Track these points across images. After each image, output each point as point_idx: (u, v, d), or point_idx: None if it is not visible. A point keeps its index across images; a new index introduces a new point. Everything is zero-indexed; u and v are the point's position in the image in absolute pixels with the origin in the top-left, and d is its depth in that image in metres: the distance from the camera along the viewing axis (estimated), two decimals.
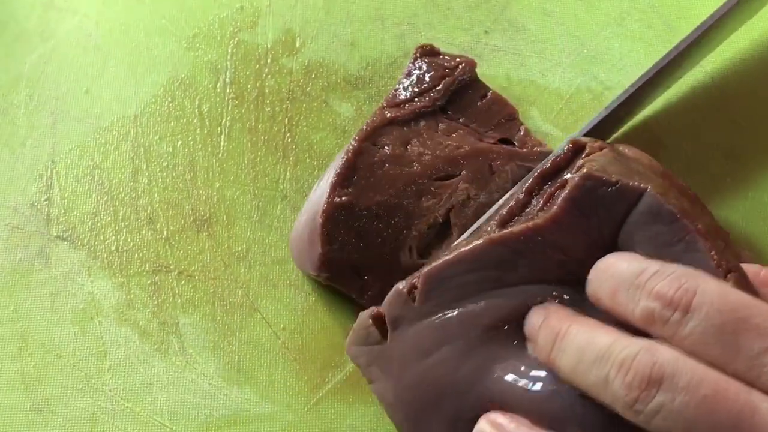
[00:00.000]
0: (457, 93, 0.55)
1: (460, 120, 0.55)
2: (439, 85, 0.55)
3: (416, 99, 0.54)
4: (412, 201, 0.51)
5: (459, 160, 0.52)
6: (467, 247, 0.43)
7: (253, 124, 0.58)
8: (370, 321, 0.46)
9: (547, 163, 0.46)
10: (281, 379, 0.52)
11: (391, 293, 0.45)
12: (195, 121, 0.59)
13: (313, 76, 0.60)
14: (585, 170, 0.42)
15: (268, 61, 0.60)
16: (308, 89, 0.59)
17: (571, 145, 0.46)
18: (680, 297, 0.36)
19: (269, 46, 0.61)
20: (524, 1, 0.62)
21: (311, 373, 0.52)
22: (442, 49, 0.56)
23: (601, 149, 0.45)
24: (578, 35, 0.61)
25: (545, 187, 0.45)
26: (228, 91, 0.59)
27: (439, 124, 0.54)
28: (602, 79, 0.59)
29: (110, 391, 0.52)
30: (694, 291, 0.36)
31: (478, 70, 0.56)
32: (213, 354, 0.52)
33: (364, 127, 0.53)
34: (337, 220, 0.50)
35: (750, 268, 0.41)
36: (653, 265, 0.38)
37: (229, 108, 0.59)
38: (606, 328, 0.38)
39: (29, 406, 0.51)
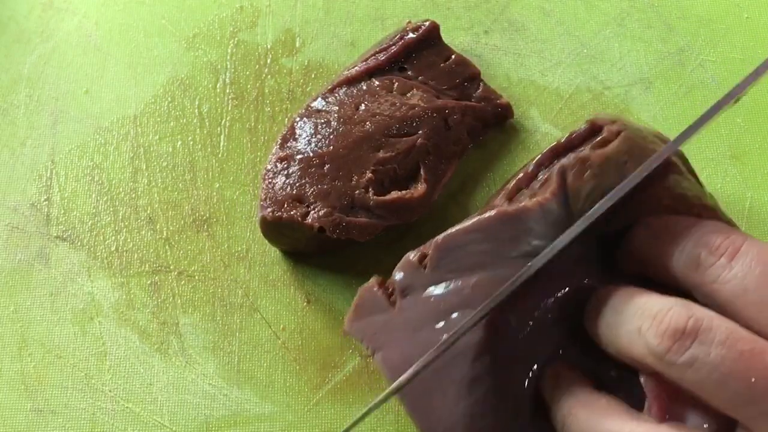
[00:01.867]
0: (418, 54, 0.56)
1: (419, 79, 0.55)
2: (396, 44, 0.56)
3: (370, 59, 0.56)
4: (364, 153, 0.52)
5: (414, 118, 0.53)
6: (477, 218, 0.43)
7: (253, 124, 0.58)
8: (377, 288, 0.45)
9: (562, 139, 0.46)
10: (281, 380, 0.52)
11: (401, 262, 0.45)
12: (195, 121, 0.59)
13: (313, 76, 0.60)
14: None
15: (268, 61, 0.60)
16: (308, 89, 0.59)
17: (588, 125, 0.46)
18: (727, 246, 0.37)
19: (269, 46, 0.61)
20: (524, 1, 0.62)
21: (311, 373, 0.52)
22: None
23: (618, 133, 0.45)
24: (578, 35, 0.61)
25: (555, 162, 0.45)
26: (228, 91, 0.59)
27: (395, 83, 0.55)
28: (602, 78, 0.59)
29: (110, 391, 0.52)
30: (740, 244, 0.37)
31: (479, 69, 0.57)
32: (213, 354, 0.52)
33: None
34: (276, 171, 0.52)
35: None
36: (702, 222, 0.40)
37: (229, 108, 0.59)
38: (642, 290, 0.39)
39: (29, 406, 0.51)
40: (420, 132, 0.53)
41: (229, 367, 0.52)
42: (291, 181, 0.51)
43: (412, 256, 0.45)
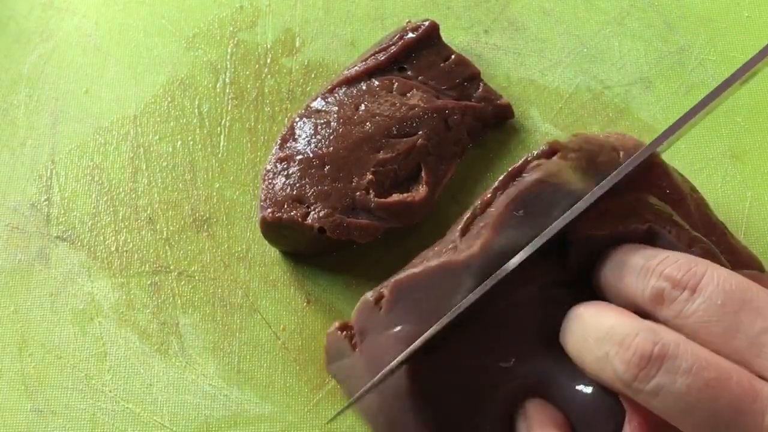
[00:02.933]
0: (418, 54, 0.57)
1: (419, 79, 0.55)
2: (396, 44, 0.56)
3: (369, 58, 0.56)
4: (365, 154, 0.52)
5: (414, 119, 0.53)
6: (428, 264, 0.44)
7: (252, 124, 0.58)
8: (339, 332, 0.46)
9: (518, 163, 0.46)
10: (281, 380, 0.52)
11: (359, 303, 0.45)
12: (195, 121, 0.59)
13: (312, 75, 0.60)
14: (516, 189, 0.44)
15: (268, 60, 0.60)
16: (308, 89, 0.59)
17: (546, 147, 0.46)
18: (688, 278, 0.37)
19: (269, 46, 0.61)
20: (524, 0, 0.62)
21: (311, 373, 0.52)
22: None
23: (565, 155, 0.45)
24: (578, 34, 0.61)
25: (511, 184, 0.45)
26: (228, 91, 0.59)
27: (395, 83, 0.55)
28: (602, 78, 0.59)
29: (110, 391, 0.52)
30: (702, 274, 0.37)
31: (479, 68, 0.57)
32: (213, 354, 0.52)
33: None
34: (276, 171, 0.52)
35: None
36: (664, 252, 0.39)
37: (229, 108, 0.59)
38: (612, 309, 0.39)
39: (30, 407, 0.52)
40: (420, 132, 0.53)
41: (229, 368, 0.52)
42: (291, 182, 0.51)
43: (369, 296, 0.45)
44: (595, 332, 0.38)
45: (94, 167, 0.58)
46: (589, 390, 0.41)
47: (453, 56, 0.57)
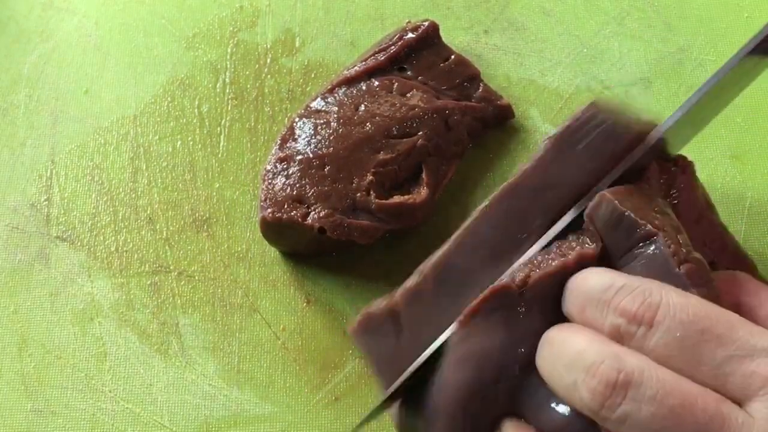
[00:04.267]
0: (418, 54, 0.57)
1: (419, 79, 0.55)
2: (396, 44, 0.56)
3: (369, 59, 0.56)
4: (365, 154, 0.52)
5: (414, 119, 0.53)
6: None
7: (252, 124, 0.58)
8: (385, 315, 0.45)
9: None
10: (281, 380, 0.52)
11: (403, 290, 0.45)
12: (194, 121, 0.59)
13: (312, 75, 0.60)
14: None
15: (268, 60, 0.60)
16: (308, 89, 0.59)
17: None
18: (643, 312, 0.37)
19: (269, 46, 0.61)
20: (524, 0, 0.62)
21: (311, 373, 0.52)
22: None
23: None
24: (578, 34, 0.61)
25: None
26: (227, 91, 0.59)
27: (395, 83, 0.55)
28: (602, 78, 0.59)
29: (110, 391, 0.52)
30: (657, 305, 0.37)
31: (478, 68, 0.57)
32: (213, 354, 0.52)
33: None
34: (275, 172, 0.52)
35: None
36: (619, 280, 0.38)
37: (229, 108, 0.59)
38: (582, 333, 0.39)
39: (30, 407, 0.52)
40: (420, 133, 0.53)
41: (229, 368, 0.52)
42: (291, 182, 0.51)
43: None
44: (564, 358, 0.38)
45: (94, 167, 0.58)
46: (565, 410, 0.41)
47: (453, 56, 0.57)
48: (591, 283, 0.39)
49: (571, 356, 0.37)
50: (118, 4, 0.63)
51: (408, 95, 0.54)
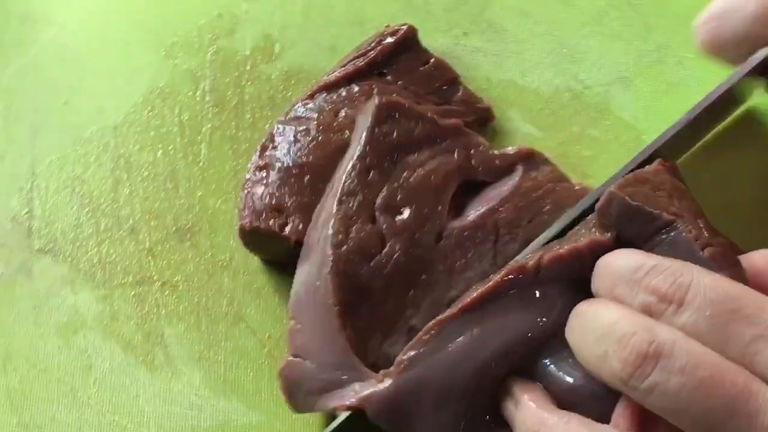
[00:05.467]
0: (397, 58, 0.56)
1: (399, 84, 0.55)
2: (375, 49, 0.56)
3: (348, 64, 0.56)
4: None
5: None
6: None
7: (233, 131, 0.58)
8: None
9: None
10: (268, 388, 0.51)
11: None
12: (175, 130, 0.58)
13: (293, 81, 0.60)
14: None
15: (248, 67, 0.60)
16: (289, 95, 0.59)
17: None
18: (674, 291, 0.37)
19: (248, 53, 0.61)
20: (502, 2, 0.62)
21: None
22: None
23: None
24: (557, 35, 0.61)
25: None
26: (208, 99, 0.59)
27: (375, 89, 0.55)
28: (582, 78, 0.59)
29: (96, 404, 0.51)
30: (688, 285, 0.37)
31: (458, 71, 0.57)
32: (199, 364, 0.52)
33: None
34: (255, 180, 0.52)
35: (762, 252, 0.42)
36: (650, 261, 0.39)
37: (210, 116, 0.59)
38: (614, 305, 0.39)
39: (15, 421, 0.51)
40: None
41: (216, 377, 0.52)
42: (270, 191, 0.51)
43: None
44: (595, 330, 0.39)
45: (75, 179, 0.57)
46: (576, 371, 0.41)
47: (432, 60, 0.57)
48: (621, 262, 0.40)
49: (603, 327, 0.38)
50: (96, 14, 0.63)
51: None
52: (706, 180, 0.53)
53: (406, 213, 0.47)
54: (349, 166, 0.48)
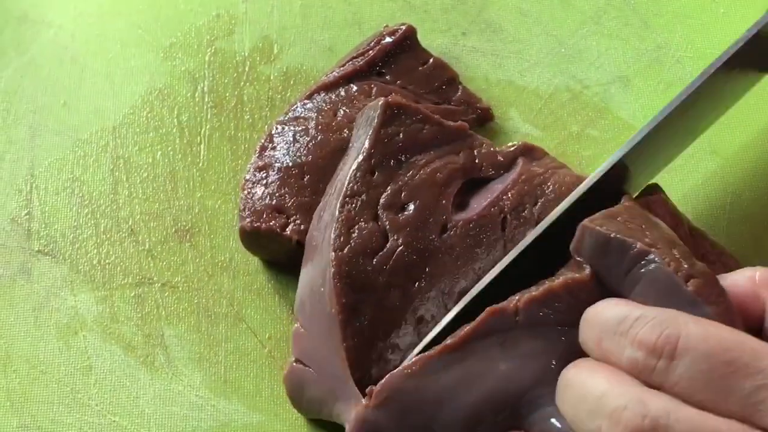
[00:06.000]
0: (396, 58, 0.57)
1: (398, 83, 0.55)
2: (374, 49, 0.56)
3: (347, 64, 0.56)
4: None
5: None
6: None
7: (232, 132, 0.58)
8: None
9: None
10: (268, 389, 0.51)
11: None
12: (174, 131, 0.58)
13: (291, 82, 0.60)
14: None
15: (246, 68, 0.60)
16: (287, 95, 0.59)
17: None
18: (663, 344, 0.36)
19: (246, 54, 0.61)
20: (501, 1, 0.62)
21: None
22: None
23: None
24: (555, 34, 0.61)
25: None
26: (206, 99, 0.59)
27: (374, 88, 0.55)
28: (581, 77, 0.59)
29: (96, 405, 0.51)
30: (677, 336, 0.36)
31: (457, 70, 0.58)
32: (199, 365, 0.52)
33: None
34: (254, 181, 0.52)
35: (744, 273, 0.41)
36: (635, 311, 0.38)
37: (208, 117, 0.59)
38: (601, 371, 0.38)
39: (16, 423, 0.51)
40: None
41: (216, 378, 0.52)
42: (270, 191, 0.51)
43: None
44: (586, 403, 0.37)
45: (74, 180, 0.57)
46: (567, 428, 0.40)
47: (431, 60, 0.57)
48: (606, 314, 0.39)
49: (593, 400, 0.37)
50: (94, 15, 0.63)
51: None
52: None
53: (410, 209, 0.47)
54: (353, 167, 0.48)
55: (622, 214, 0.43)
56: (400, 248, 0.46)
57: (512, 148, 0.51)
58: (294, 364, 0.48)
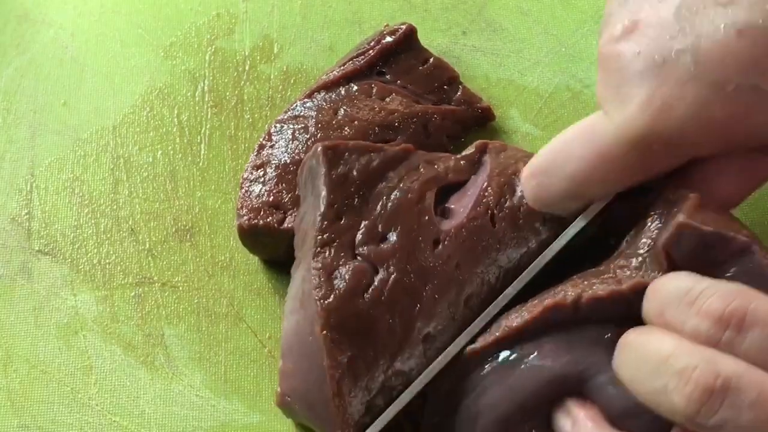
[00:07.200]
0: (396, 57, 0.56)
1: (398, 83, 0.55)
2: (374, 49, 0.56)
3: (347, 63, 0.56)
4: None
5: (393, 123, 0.53)
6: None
7: (233, 131, 0.58)
8: None
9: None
10: (269, 389, 0.51)
11: None
12: (174, 130, 0.58)
13: (291, 81, 0.60)
14: None
15: (246, 67, 0.60)
16: (288, 95, 0.59)
17: None
18: (730, 316, 0.35)
19: (247, 53, 0.61)
20: (501, 1, 0.62)
21: None
22: None
23: None
24: (556, 33, 0.61)
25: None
26: (207, 99, 0.59)
27: (374, 88, 0.55)
28: (581, 77, 0.59)
29: (97, 405, 0.51)
30: (745, 309, 0.35)
31: (457, 70, 0.58)
32: (199, 365, 0.52)
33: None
34: (252, 179, 0.52)
35: None
36: (701, 283, 0.37)
37: (209, 116, 0.59)
38: (666, 334, 0.37)
39: (16, 423, 0.51)
40: (399, 137, 0.53)
41: (216, 378, 0.52)
42: (268, 188, 0.51)
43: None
44: (649, 362, 0.37)
45: (75, 179, 0.57)
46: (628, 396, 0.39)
47: (431, 59, 0.57)
48: (673, 285, 0.38)
49: (658, 360, 0.36)
50: (94, 15, 0.63)
51: (387, 100, 0.54)
52: None
53: (392, 237, 0.46)
54: (318, 219, 0.45)
55: (706, 208, 0.42)
56: (394, 276, 0.45)
57: (471, 151, 0.50)
58: (283, 397, 0.47)
